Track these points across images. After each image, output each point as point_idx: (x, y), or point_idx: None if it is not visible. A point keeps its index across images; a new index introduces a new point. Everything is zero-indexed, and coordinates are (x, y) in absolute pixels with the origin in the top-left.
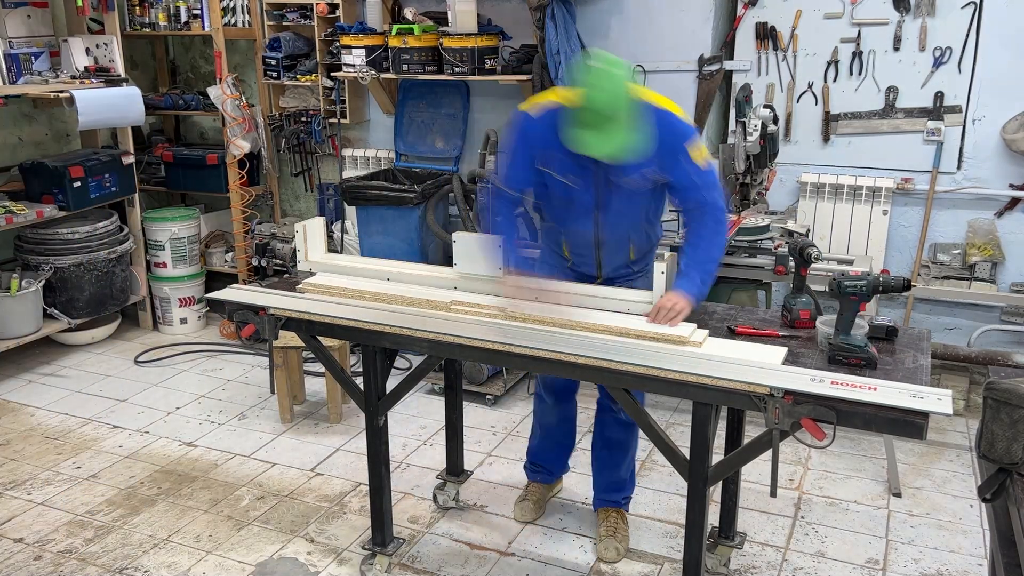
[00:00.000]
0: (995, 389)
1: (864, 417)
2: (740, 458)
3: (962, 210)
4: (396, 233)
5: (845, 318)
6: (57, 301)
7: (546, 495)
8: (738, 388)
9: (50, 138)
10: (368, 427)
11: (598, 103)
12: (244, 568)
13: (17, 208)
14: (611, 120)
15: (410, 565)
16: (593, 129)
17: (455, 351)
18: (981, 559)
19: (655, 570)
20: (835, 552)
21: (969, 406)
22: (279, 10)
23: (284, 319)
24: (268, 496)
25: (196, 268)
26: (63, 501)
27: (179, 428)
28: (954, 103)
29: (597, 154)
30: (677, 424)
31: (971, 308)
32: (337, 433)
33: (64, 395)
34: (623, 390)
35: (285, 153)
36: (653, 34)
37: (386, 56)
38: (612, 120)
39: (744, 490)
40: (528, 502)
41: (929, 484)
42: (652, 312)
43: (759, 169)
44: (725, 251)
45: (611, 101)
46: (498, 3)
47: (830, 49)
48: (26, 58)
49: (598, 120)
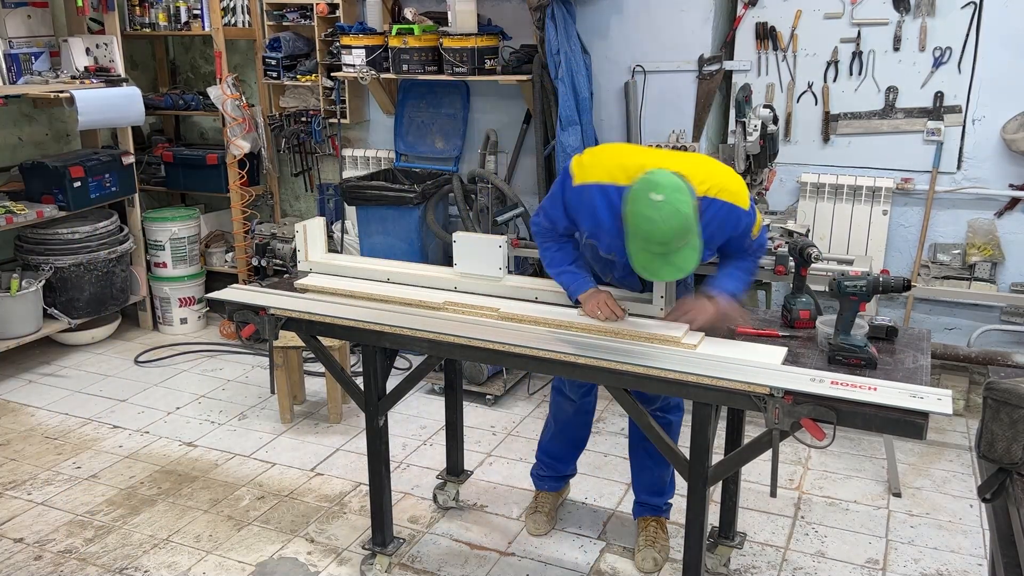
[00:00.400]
0: (995, 389)
1: (864, 417)
2: (740, 458)
3: (962, 210)
4: (396, 233)
5: (845, 318)
6: (57, 301)
7: (556, 503)
8: (738, 388)
9: (50, 138)
10: (368, 427)
11: (661, 236)
12: (244, 568)
13: (17, 208)
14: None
15: (410, 565)
16: (661, 256)
17: (455, 351)
18: (981, 559)
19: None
20: (835, 552)
21: (969, 406)
22: (279, 10)
23: (284, 319)
24: (268, 496)
25: (196, 268)
26: (63, 501)
27: (179, 428)
28: (954, 103)
29: (667, 278)
30: None
31: (971, 308)
32: (337, 433)
33: (64, 395)
34: (623, 390)
35: (285, 153)
36: (653, 34)
37: (386, 56)
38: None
39: (744, 490)
40: (540, 514)
41: (929, 484)
42: (676, 308)
43: (759, 169)
44: None
45: (678, 231)
46: (498, 3)
47: (830, 49)
48: (26, 58)
49: (665, 249)
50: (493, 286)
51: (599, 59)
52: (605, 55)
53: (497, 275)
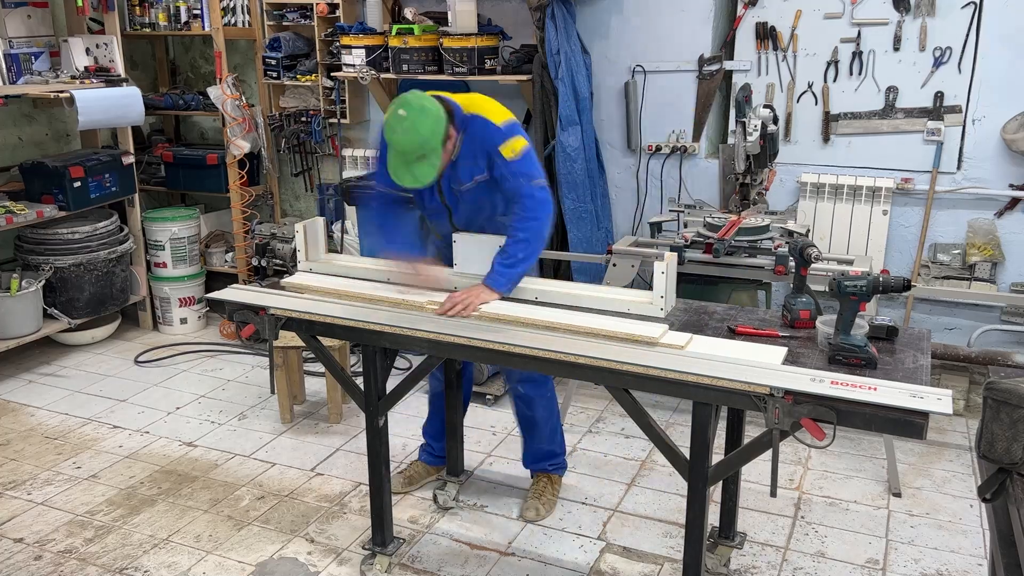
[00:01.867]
0: (995, 389)
1: (864, 417)
2: (740, 458)
3: (962, 210)
4: None
5: (845, 318)
6: (57, 301)
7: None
8: (738, 388)
9: (50, 138)
10: (368, 427)
11: (400, 146)
12: (244, 568)
13: (17, 208)
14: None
15: (410, 565)
16: (405, 165)
17: (455, 351)
18: (981, 559)
19: (655, 570)
20: (835, 552)
21: (969, 406)
22: (279, 10)
23: (284, 319)
24: (268, 496)
25: (196, 268)
26: (63, 501)
27: (179, 428)
28: (954, 103)
29: (407, 184)
30: (677, 424)
31: (971, 308)
32: (337, 433)
33: (64, 395)
34: (624, 390)
35: (285, 153)
36: (653, 34)
37: (386, 56)
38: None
39: (744, 490)
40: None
41: (929, 484)
42: (446, 303)
43: (759, 169)
44: (545, 237)
45: (414, 144)
46: (498, 3)
47: (830, 49)
48: (26, 58)
49: (405, 158)
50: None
51: (599, 59)
52: (605, 55)
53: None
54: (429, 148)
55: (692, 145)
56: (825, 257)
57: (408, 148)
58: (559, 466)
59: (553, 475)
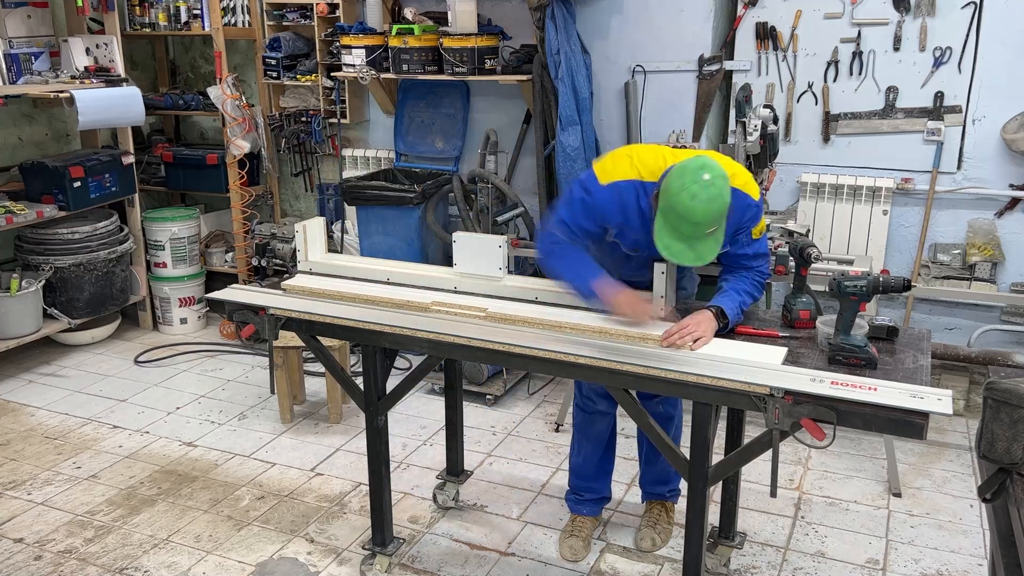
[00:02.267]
0: (995, 389)
1: (864, 417)
2: (740, 458)
3: (962, 210)
4: (396, 233)
5: (845, 318)
6: (57, 301)
7: (593, 529)
8: (738, 388)
9: (50, 138)
10: (368, 427)
11: (700, 217)
12: (244, 568)
13: (17, 208)
14: (708, 232)
15: (410, 565)
16: (688, 239)
17: (455, 351)
18: (981, 559)
19: (655, 570)
20: (835, 552)
21: (969, 406)
22: (279, 10)
23: (284, 319)
24: (268, 496)
25: (196, 268)
26: (63, 501)
27: (179, 428)
28: (954, 103)
29: (686, 263)
30: None
31: (971, 308)
32: (337, 433)
33: (64, 395)
34: (623, 390)
35: (285, 153)
36: (653, 34)
37: (386, 56)
38: (709, 232)
39: (744, 490)
40: (576, 539)
41: (929, 484)
42: (673, 330)
43: (759, 169)
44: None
45: (715, 216)
46: (498, 3)
47: (830, 49)
48: (26, 58)
49: (696, 232)
50: (493, 286)
51: (599, 59)
52: (605, 55)
53: (497, 275)
54: (723, 222)
55: (692, 144)
56: (825, 257)
57: (709, 219)
58: (676, 492)
59: (668, 503)
